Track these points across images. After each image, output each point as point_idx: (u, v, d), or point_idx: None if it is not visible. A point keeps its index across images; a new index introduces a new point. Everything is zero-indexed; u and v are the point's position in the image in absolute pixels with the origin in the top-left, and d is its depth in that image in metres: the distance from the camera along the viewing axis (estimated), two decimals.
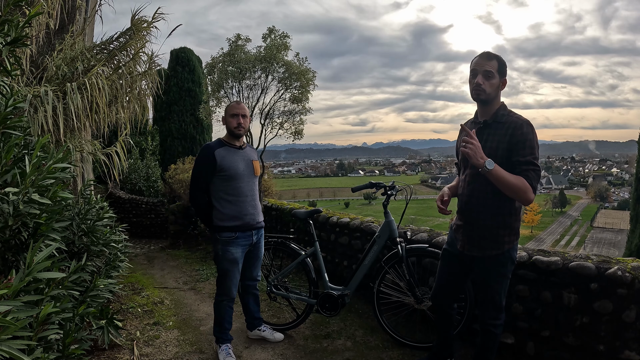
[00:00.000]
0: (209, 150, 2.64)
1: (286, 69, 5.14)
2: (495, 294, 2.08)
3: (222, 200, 2.66)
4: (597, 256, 2.35)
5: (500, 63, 1.98)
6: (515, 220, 2.03)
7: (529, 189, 1.86)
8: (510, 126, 1.94)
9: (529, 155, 1.88)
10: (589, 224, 62.01)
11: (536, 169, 1.88)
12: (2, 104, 1.78)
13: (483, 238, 2.05)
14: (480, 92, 1.98)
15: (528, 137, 1.90)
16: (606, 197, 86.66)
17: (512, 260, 2.07)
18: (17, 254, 1.77)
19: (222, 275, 2.72)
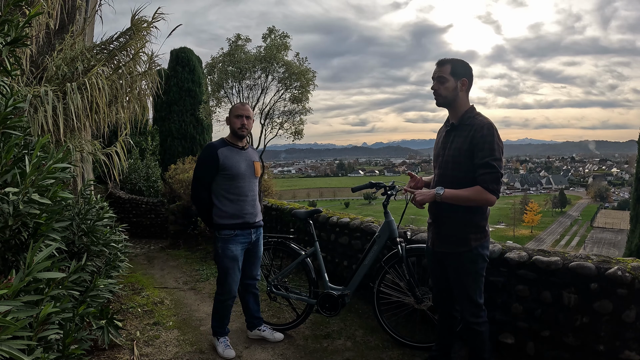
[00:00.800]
0: (212, 149, 2.69)
1: (286, 69, 5.14)
2: (469, 291, 2.12)
3: (223, 198, 2.70)
4: (597, 256, 2.35)
5: (454, 66, 2.07)
6: (481, 219, 2.08)
7: (484, 194, 1.93)
8: (472, 128, 2.00)
9: (487, 157, 1.93)
10: (589, 224, 62.02)
11: (492, 172, 1.93)
12: (2, 104, 1.78)
13: (450, 235, 2.13)
14: (436, 96, 2.11)
15: (487, 139, 1.94)
16: (606, 197, 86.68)
17: (482, 258, 2.10)
18: (17, 254, 1.77)
19: (222, 273, 2.75)
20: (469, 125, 2.03)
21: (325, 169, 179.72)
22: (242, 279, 2.92)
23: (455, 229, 2.10)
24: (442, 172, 2.14)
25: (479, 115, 2.06)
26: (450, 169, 2.09)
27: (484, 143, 1.94)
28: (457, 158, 2.04)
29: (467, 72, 2.08)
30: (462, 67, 2.07)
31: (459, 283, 2.16)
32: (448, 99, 2.09)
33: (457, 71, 2.05)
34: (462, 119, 2.08)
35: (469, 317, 2.14)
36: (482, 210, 2.07)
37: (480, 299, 2.14)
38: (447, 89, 2.07)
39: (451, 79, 2.05)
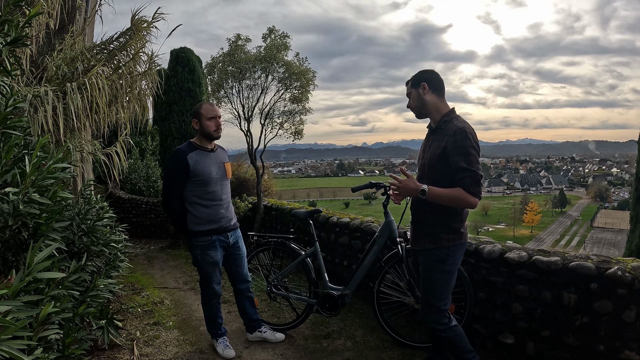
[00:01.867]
0: (181, 155, 2.58)
1: (286, 69, 5.14)
2: (431, 294, 2.12)
3: (196, 204, 2.63)
4: (597, 256, 2.35)
5: (412, 79, 2.18)
6: (454, 220, 2.10)
7: (466, 196, 1.95)
8: (446, 133, 2.04)
9: (462, 161, 1.96)
10: (589, 224, 62.03)
11: (472, 175, 1.95)
12: (2, 104, 1.78)
13: (423, 234, 2.16)
14: (412, 110, 2.21)
15: (460, 143, 1.97)
16: (606, 197, 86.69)
17: (452, 260, 2.11)
18: (17, 254, 1.77)
19: (204, 278, 2.74)
20: (445, 130, 2.07)
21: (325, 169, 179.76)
22: (234, 284, 2.91)
23: (429, 227, 2.14)
24: (420, 175, 2.20)
25: (455, 119, 2.08)
26: (427, 172, 2.13)
27: (457, 148, 1.97)
28: (432, 162, 2.09)
29: (425, 76, 2.14)
30: (419, 75, 2.17)
31: (424, 284, 2.17)
32: (418, 108, 2.17)
33: (415, 81, 2.16)
34: (440, 123, 2.13)
35: (430, 323, 2.16)
36: (456, 212, 2.09)
37: (443, 305, 2.13)
38: (413, 100, 2.18)
39: (413, 90, 2.17)
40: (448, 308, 2.16)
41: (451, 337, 2.15)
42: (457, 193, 1.97)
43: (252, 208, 5.59)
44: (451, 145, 1.99)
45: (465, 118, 2.11)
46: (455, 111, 2.15)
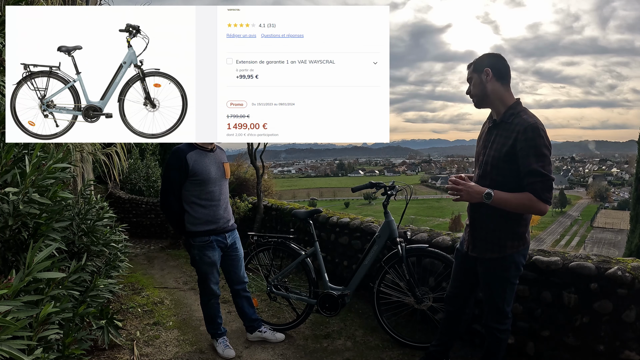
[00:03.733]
0: (180, 154, 2.57)
1: None
2: (497, 298, 2.03)
3: (194, 205, 2.62)
4: (597, 256, 2.35)
5: (475, 62, 2.00)
6: (518, 225, 1.96)
7: (536, 202, 1.80)
8: (515, 129, 1.86)
9: (535, 163, 1.79)
10: (589, 224, 62.02)
11: (544, 179, 1.79)
12: (2, 104, 1.79)
13: (485, 240, 2.02)
14: (471, 97, 2.03)
15: (532, 142, 1.80)
16: (606, 197, 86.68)
17: (516, 266, 1.99)
18: (17, 254, 1.77)
19: (202, 278, 2.75)
20: (512, 124, 1.88)
21: (325, 169, 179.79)
22: (231, 285, 2.91)
23: (492, 233, 1.98)
24: (481, 173, 2.01)
25: (523, 112, 1.89)
26: (489, 171, 1.96)
27: (530, 148, 1.80)
28: (497, 161, 1.91)
29: (490, 61, 1.94)
30: (483, 59, 1.97)
31: (488, 289, 2.08)
32: (479, 96, 1.98)
33: (478, 66, 1.97)
34: (505, 116, 1.93)
35: (491, 322, 2.08)
36: (520, 216, 1.94)
37: (507, 307, 2.05)
38: (474, 87, 1.98)
39: (475, 75, 1.98)
40: (511, 309, 2.08)
41: (503, 340, 2.08)
42: (526, 199, 1.81)
43: (252, 208, 5.60)
44: (522, 143, 1.81)
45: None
46: (522, 103, 1.96)
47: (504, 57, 1.98)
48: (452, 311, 2.34)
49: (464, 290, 2.26)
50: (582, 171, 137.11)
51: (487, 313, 2.10)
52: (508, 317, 2.07)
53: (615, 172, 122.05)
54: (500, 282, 2.02)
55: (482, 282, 2.10)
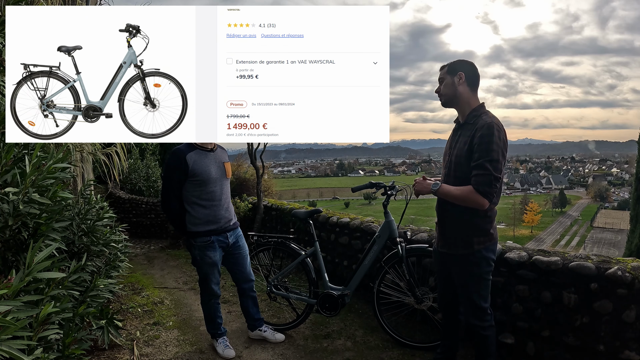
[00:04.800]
0: (180, 155, 2.57)
1: None
2: (473, 294, 2.08)
3: (195, 205, 2.62)
4: (597, 256, 2.35)
5: (450, 65, 2.10)
6: (483, 222, 2.03)
7: (474, 194, 1.90)
8: (474, 127, 1.99)
9: (482, 157, 1.90)
10: (589, 224, 62.02)
11: (486, 173, 1.89)
12: (2, 104, 1.79)
13: (452, 237, 2.11)
14: (439, 97, 2.14)
15: (484, 139, 1.91)
16: (606, 197, 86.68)
17: (486, 261, 2.06)
18: (17, 254, 1.77)
19: (203, 278, 2.75)
20: (473, 125, 2.00)
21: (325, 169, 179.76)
22: (237, 283, 2.91)
23: (458, 230, 2.07)
24: (447, 172, 2.14)
25: (485, 113, 2.02)
26: (453, 169, 2.07)
27: (481, 144, 1.91)
28: (459, 159, 2.03)
29: (464, 67, 2.07)
30: (458, 64, 2.09)
31: (462, 286, 2.13)
32: (448, 96, 2.10)
33: (452, 68, 2.08)
34: (468, 117, 2.06)
35: (472, 320, 2.12)
36: (485, 213, 2.01)
37: (485, 303, 2.10)
38: (445, 87, 2.09)
39: (448, 77, 2.08)
40: (489, 305, 2.13)
41: (488, 336, 2.11)
42: (465, 192, 1.93)
43: (252, 208, 5.60)
44: (477, 140, 1.93)
45: None
46: (485, 106, 2.08)
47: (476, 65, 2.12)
48: (447, 313, 2.37)
49: (451, 288, 2.28)
50: (582, 171, 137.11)
51: (466, 311, 2.15)
52: (487, 313, 2.12)
53: (615, 172, 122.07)
54: (473, 279, 2.08)
55: (457, 280, 2.16)
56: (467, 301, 2.13)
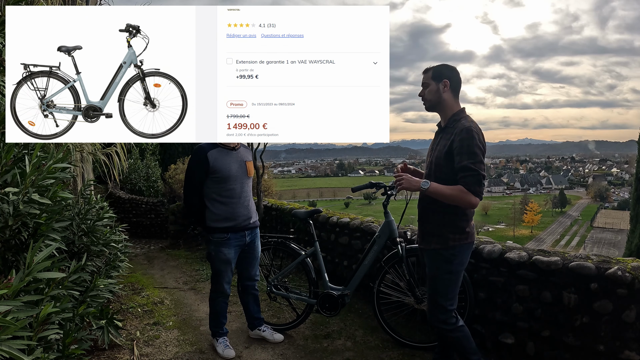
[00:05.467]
0: (202, 152, 2.64)
1: None
2: (438, 293, 2.11)
3: (215, 201, 2.67)
4: (597, 256, 2.35)
5: (435, 70, 2.13)
6: (460, 220, 2.09)
7: (467, 194, 1.96)
8: (453, 131, 2.05)
9: (466, 160, 1.96)
10: (589, 224, 62.02)
11: (473, 174, 1.95)
12: (2, 104, 1.79)
13: (430, 233, 2.15)
14: (423, 101, 2.18)
15: (465, 142, 1.97)
16: (606, 197, 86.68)
17: (459, 259, 2.10)
18: (17, 254, 1.77)
19: (215, 274, 2.78)
20: (453, 128, 2.07)
21: (325, 169, 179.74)
22: (241, 280, 2.93)
23: (435, 226, 2.13)
24: (427, 173, 2.20)
25: (464, 118, 2.09)
26: (433, 170, 2.13)
27: (462, 147, 1.98)
28: (439, 160, 2.09)
29: (449, 73, 2.12)
30: (443, 70, 2.13)
31: (430, 283, 2.17)
32: (432, 102, 2.15)
33: (437, 74, 2.12)
34: (449, 122, 2.12)
35: (436, 323, 2.15)
36: (462, 211, 2.08)
37: (450, 305, 2.12)
38: (430, 92, 2.14)
39: (432, 83, 2.12)
40: (455, 308, 2.15)
41: (458, 338, 2.13)
42: (457, 191, 1.98)
43: None
44: (456, 143, 2.00)
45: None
46: (465, 111, 2.15)
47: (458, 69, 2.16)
48: None
49: None
50: (582, 171, 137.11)
51: (429, 311, 2.18)
52: (452, 315, 2.13)
53: (615, 172, 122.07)
54: (443, 275, 2.11)
55: (428, 276, 2.19)
56: (431, 301, 2.16)
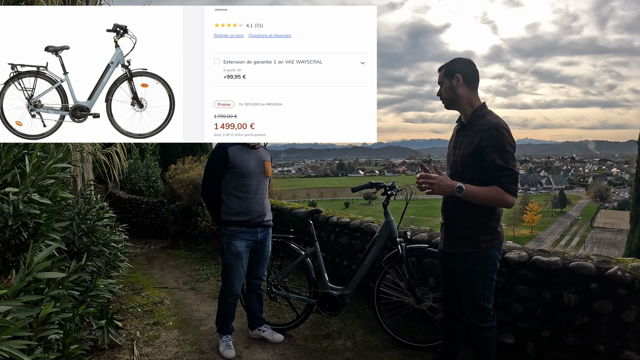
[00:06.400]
0: (222, 147, 2.73)
1: None
2: (476, 294, 2.07)
3: (231, 195, 2.73)
4: (597, 256, 2.35)
5: (447, 67, 2.08)
6: (490, 220, 2.03)
7: (503, 194, 1.90)
8: (480, 129, 1.97)
9: (499, 159, 1.90)
10: (589, 224, 62.00)
11: (509, 173, 1.90)
12: None
13: (459, 236, 2.09)
14: (441, 100, 2.13)
15: (495, 140, 1.91)
16: (606, 197, 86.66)
17: (492, 261, 2.05)
18: (17, 254, 1.77)
19: (226, 268, 2.78)
20: (477, 125, 1.99)
21: (325, 169, 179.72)
22: (247, 277, 2.93)
23: (464, 229, 2.06)
24: (452, 172, 2.11)
25: (488, 114, 2.01)
26: (460, 170, 2.06)
27: (493, 145, 1.91)
28: (466, 159, 2.01)
29: (461, 67, 2.05)
30: (454, 65, 2.06)
31: (466, 285, 2.11)
32: (449, 100, 2.09)
33: (449, 70, 2.06)
34: (471, 118, 2.04)
35: (474, 321, 2.10)
36: (492, 211, 2.02)
37: (489, 304, 2.08)
38: (445, 90, 2.08)
39: (446, 80, 2.07)
40: (492, 306, 2.11)
41: (489, 338, 2.09)
42: (495, 192, 1.91)
43: None
44: (486, 142, 1.92)
45: None
46: (487, 105, 2.08)
47: (474, 62, 2.07)
48: (450, 314, 2.35)
49: (455, 289, 2.26)
50: (582, 171, 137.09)
51: (469, 312, 2.13)
52: (490, 314, 2.10)
53: (615, 172, 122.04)
54: (477, 278, 2.06)
55: (461, 279, 2.14)
56: (470, 301, 2.10)
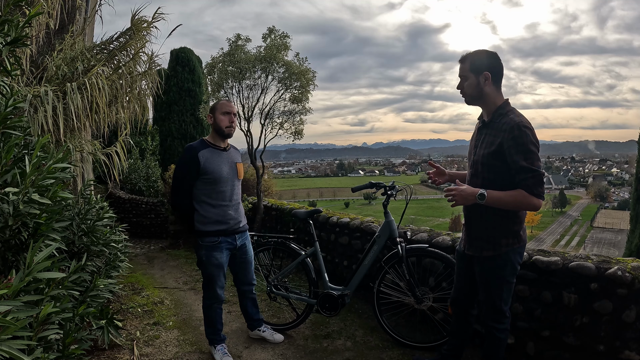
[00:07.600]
0: (192, 152, 2.53)
1: (286, 69, 5.13)
2: (495, 296, 2.04)
3: (204, 203, 2.57)
4: (597, 256, 2.35)
5: (473, 61, 1.95)
6: (513, 223, 1.97)
7: (529, 198, 1.81)
8: (502, 128, 1.89)
9: (523, 160, 1.82)
10: (589, 224, 62.00)
11: (535, 175, 1.81)
12: (2, 104, 1.78)
13: (480, 239, 2.04)
14: (463, 95, 2.03)
15: (519, 140, 1.82)
16: (606, 197, 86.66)
17: (512, 264, 2.00)
18: (17, 254, 1.77)
19: (208, 280, 2.66)
20: (500, 124, 1.91)
21: (325, 169, 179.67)
22: (238, 285, 2.90)
23: (487, 231, 2.01)
24: (473, 172, 2.05)
25: (511, 112, 1.92)
26: (480, 170, 1.99)
27: (517, 146, 1.82)
28: (487, 159, 1.94)
29: (490, 63, 1.93)
30: (483, 60, 1.94)
31: (485, 288, 2.08)
32: (473, 97, 1.99)
33: (476, 66, 1.94)
34: (494, 116, 1.96)
35: (489, 321, 2.08)
36: (515, 214, 1.96)
37: (505, 306, 2.06)
38: (470, 86, 1.97)
39: (472, 76, 1.95)
40: (509, 308, 2.09)
41: (501, 339, 2.08)
42: (520, 196, 1.82)
43: (252, 208, 5.59)
44: (509, 142, 1.84)
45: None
46: (510, 103, 1.98)
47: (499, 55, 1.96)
48: (459, 313, 2.34)
49: (468, 291, 2.25)
50: (582, 171, 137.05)
51: (485, 312, 2.10)
52: (506, 317, 2.08)
53: (615, 172, 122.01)
54: (497, 281, 2.03)
55: (480, 281, 2.11)
56: (487, 303, 2.08)
